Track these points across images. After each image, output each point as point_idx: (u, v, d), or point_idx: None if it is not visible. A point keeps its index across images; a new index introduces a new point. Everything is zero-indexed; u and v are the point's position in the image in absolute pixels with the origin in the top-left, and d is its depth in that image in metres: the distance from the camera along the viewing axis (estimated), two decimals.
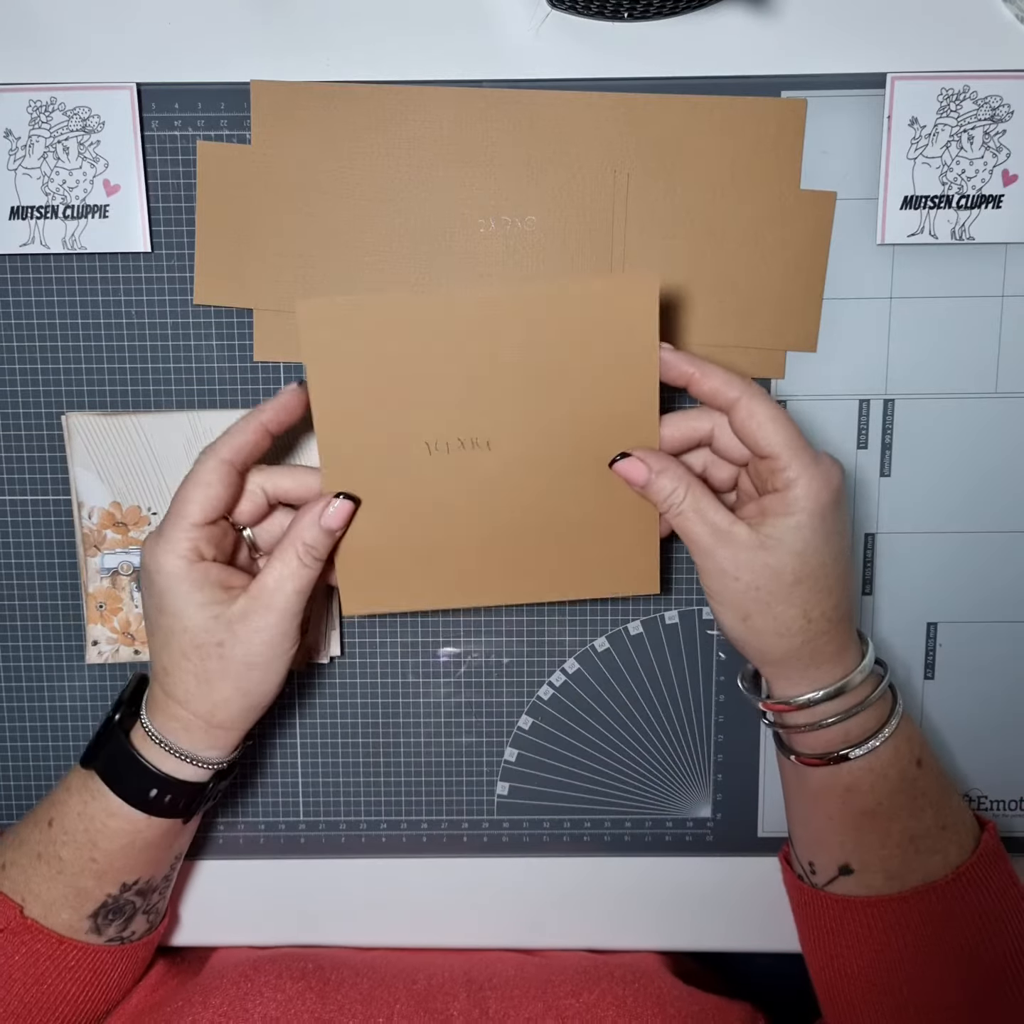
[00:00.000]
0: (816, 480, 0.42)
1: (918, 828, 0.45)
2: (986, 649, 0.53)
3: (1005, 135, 0.48)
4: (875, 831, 0.46)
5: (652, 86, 0.48)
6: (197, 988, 0.48)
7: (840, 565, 0.43)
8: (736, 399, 0.42)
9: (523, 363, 0.43)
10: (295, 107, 0.48)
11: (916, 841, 0.45)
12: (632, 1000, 0.47)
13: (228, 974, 0.49)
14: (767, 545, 0.42)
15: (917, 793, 0.45)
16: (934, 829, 0.46)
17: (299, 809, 0.54)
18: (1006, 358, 0.51)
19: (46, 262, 0.50)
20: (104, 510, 0.51)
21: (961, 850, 0.46)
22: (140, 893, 0.48)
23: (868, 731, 0.44)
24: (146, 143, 0.49)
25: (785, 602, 0.42)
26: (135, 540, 0.51)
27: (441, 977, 0.50)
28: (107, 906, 0.47)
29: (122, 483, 0.51)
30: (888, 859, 0.46)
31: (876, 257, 0.50)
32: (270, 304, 0.50)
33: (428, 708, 0.54)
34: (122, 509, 0.51)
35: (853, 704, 0.44)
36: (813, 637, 0.43)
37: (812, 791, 0.46)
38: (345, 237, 0.49)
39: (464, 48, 0.48)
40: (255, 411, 0.44)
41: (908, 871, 0.45)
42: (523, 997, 0.48)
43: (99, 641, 0.52)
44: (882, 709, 0.45)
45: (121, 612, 0.52)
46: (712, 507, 0.43)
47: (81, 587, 0.52)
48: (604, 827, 0.54)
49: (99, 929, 0.47)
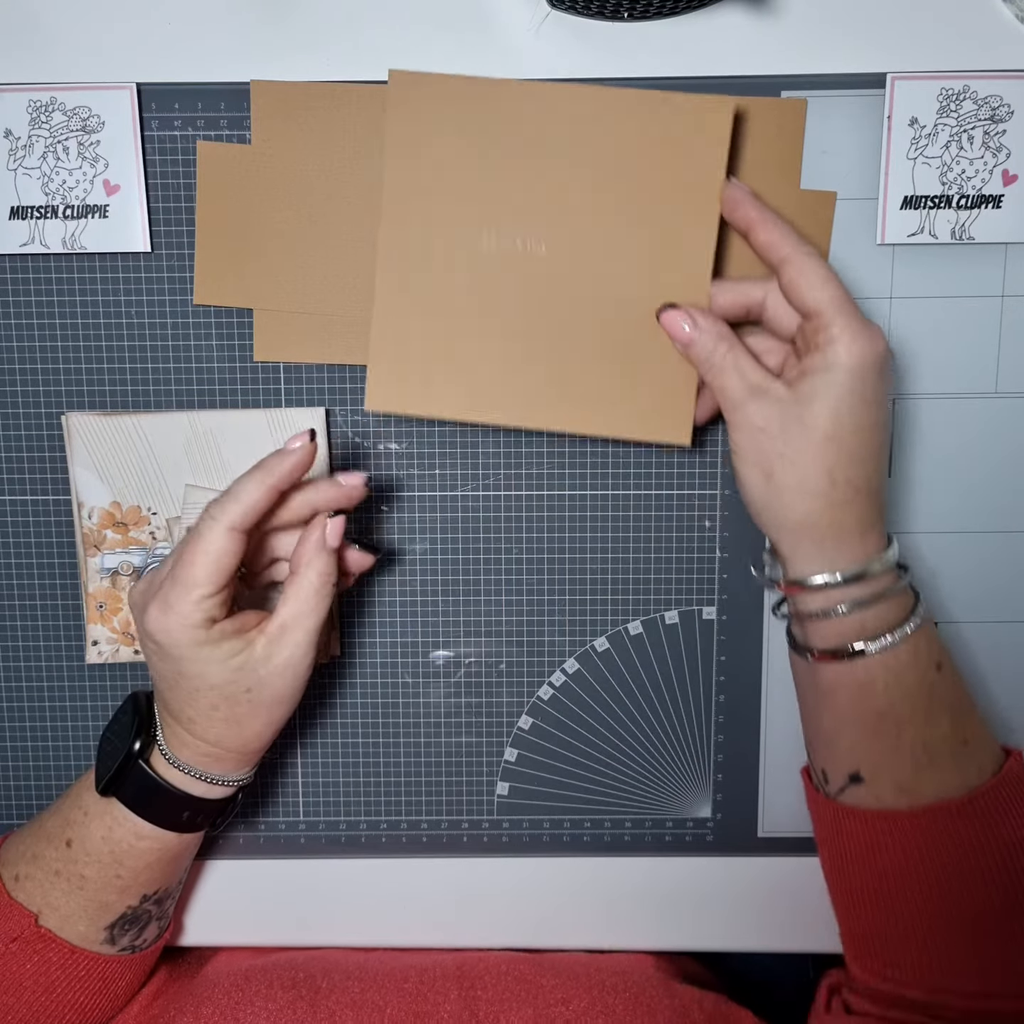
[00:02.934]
0: (859, 340, 0.41)
1: (933, 736, 0.44)
2: (986, 649, 0.53)
3: (1005, 135, 0.48)
4: (887, 735, 0.44)
5: (652, 86, 0.48)
6: (189, 998, 0.48)
7: (875, 436, 0.42)
8: (789, 255, 0.42)
9: (590, 170, 0.44)
10: (295, 107, 0.48)
11: (930, 750, 0.44)
12: (622, 1009, 0.47)
13: (220, 984, 0.49)
14: (801, 400, 0.42)
15: (935, 699, 0.44)
16: (951, 741, 0.44)
17: (299, 809, 0.54)
18: (1006, 358, 0.51)
19: (46, 262, 0.50)
20: (104, 510, 0.51)
21: (981, 771, 0.45)
22: (158, 902, 0.49)
23: (887, 625, 0.43)
24: (146, 143, 0.49)
25: (812, 460, 0.42)
26: (135, 540, 0.51)
27: (432, 976, 0.50)
28: (125, 917, 0.47)
29: (122, 483, 0.51)
30: (899, 768, 0.44)
31: (876, 257, 0.50)
32: (270, 304, 0.50)
33: (428, 708, 0.54)
34: (122, 509, 0.51)
35: (871, 593, 0.43)
36: (836, 503, 0.42)
37: (824, 688, 0.45)
38: (345, 237, 0.49)
39: (464, 48, 0.48)
40: (264, 471, 0.43)
41: (920, 784, 0.44)
42: (513, 1000, 0.48)
43: (99, 641, 0.52)
44: (902, 606, 0.43)
45: (121, 612, 0.52)
46: (751, 366, 0.43)
47: (81, 587, 0.52)
48: (604, 827, 0.54)
49: (114, 940, 0.48)
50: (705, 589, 0.53)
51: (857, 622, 0.43)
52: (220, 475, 0.51)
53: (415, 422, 0.51)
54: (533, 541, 0.52)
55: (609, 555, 0.52)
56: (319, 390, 0.51)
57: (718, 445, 0.51)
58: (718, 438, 0.51)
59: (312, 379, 0.51)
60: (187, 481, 0.51)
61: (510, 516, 0.52)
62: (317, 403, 0.51)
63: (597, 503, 0.52)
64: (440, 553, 0.52)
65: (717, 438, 0.51)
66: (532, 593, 0.53)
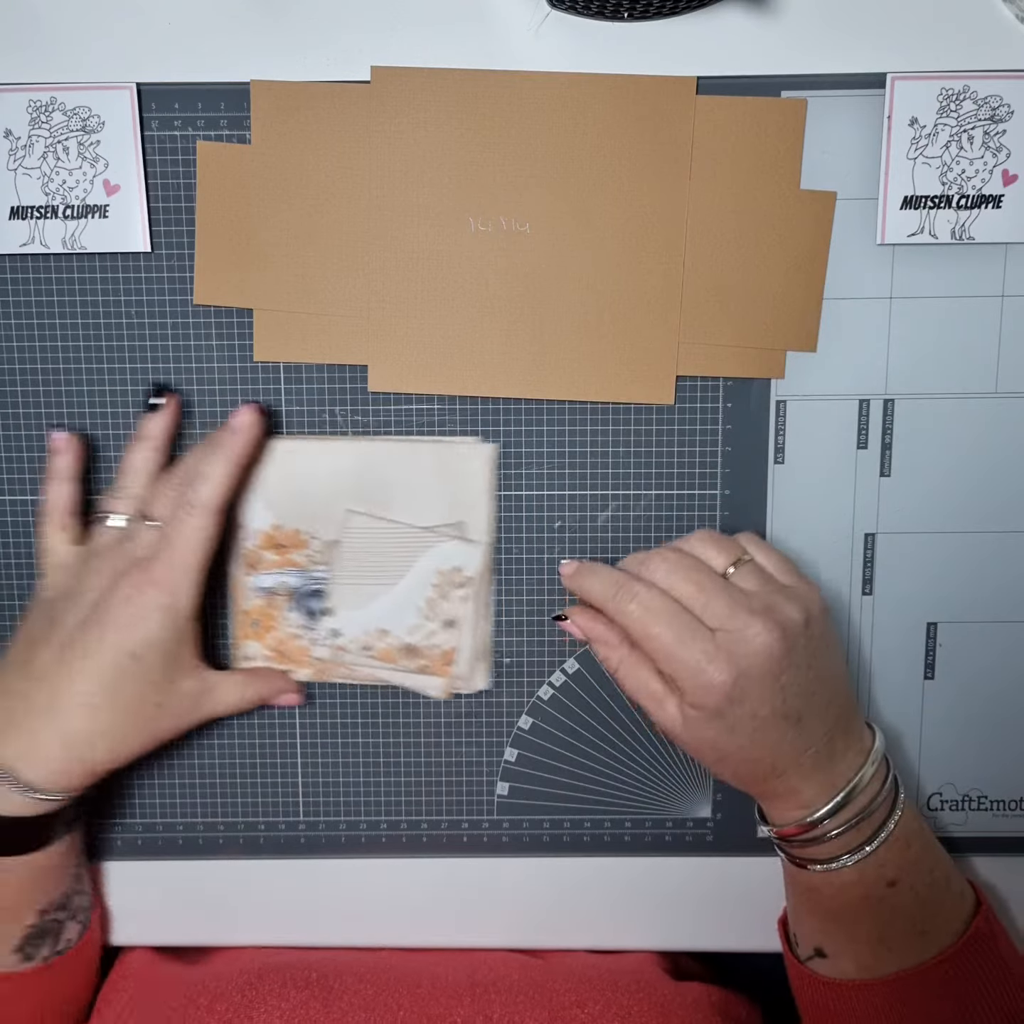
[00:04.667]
0: (699, 690, 0.42)
1: (889, 932, 0.45)
2: (986, 649, 0.53)
3: (1005, 135, 0.48)
4: (841, 929, 0.45)
5: None
6: (203, 991, 0.48)
7: (756, 746, 0.43)
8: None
9: (568, 150, 0.48)
10: (295, 107, 0.48)
11: (887, 942, 0.45)
12: (637, 1010, 0.47)
13: (234, 980, 0.49)
14: (687, 724, 0.44)
15: (885, 908, 0.45)
16: (909, 933, 0.45)
17: (299, 809, 0.54)
18: (1006, 358, 0.51)
19: (46, 262, 0.50)
20: (265, 532, 0.51)
21: (947, 936, 0.45)
22: (61, 907, 0.48)
23: (827, 854, 0.44)
24: (146, 143, 0.49)
25: (720, 769, 0.45)
26: (292, 562, 0.51)
27: (445, 980, 0.50)
28: (31, 935, 0.47)
29: (284, 507, 0.51)
30: (858, 953, 0.45)
31: (876, 257, 0.50)
32: (270, 304, 0.50)
33: (428, 708, 0.54)
34: (282, 531, 0.51)
35: (818, 835, 0.44)
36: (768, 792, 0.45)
37: (784, 871, 0.47)
38: (345, 237, 0.49)
39: (464, 48, 0.48)
40: (225, 450, 0.46)
41: (880, 964, 0.45)
42: (527, 1004, 0.48)
43: (254, 657, 0.52)
44: (849, 841, 0.44)
45: (274, 630, 0.52)
46: (646, 675, 0.45)
47: (230, 604, 0.52)
48: (604, 827, 0.54)
49: (31, 956, 0.47)
50: None
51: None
52: (383, 505, 0.51)
53: (415, 423, 0.51)
54: (533, 541, 0.52)
55: (609, 555, 0.52)
56: (319, 390, 0.51)
57: (718, 445, 0.51)
58: (718, 438, 0.51)
59: (312, 379, 0.51)
60: (349, 508, 0.51)
61: (510, 516, 0.52)
62: (317, 403, 0.51)
63: (597, 502, 0.52)
64: None
65: (717, 438, 0.51)
66: (532, 592, 0.53)
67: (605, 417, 0.51)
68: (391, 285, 0.49)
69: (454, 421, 0.51)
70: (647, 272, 0.49)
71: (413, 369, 0.50)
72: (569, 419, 0.51)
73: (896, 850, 0.44)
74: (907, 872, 0.45)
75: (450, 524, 0.51)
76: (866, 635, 0.53)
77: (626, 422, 0.51)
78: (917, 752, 0.53)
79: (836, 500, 0.52)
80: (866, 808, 0.44)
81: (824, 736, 0.44)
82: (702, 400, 0.51)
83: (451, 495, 0.51)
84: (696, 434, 0.51)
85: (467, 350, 0.50)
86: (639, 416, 0.51)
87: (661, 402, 0.50)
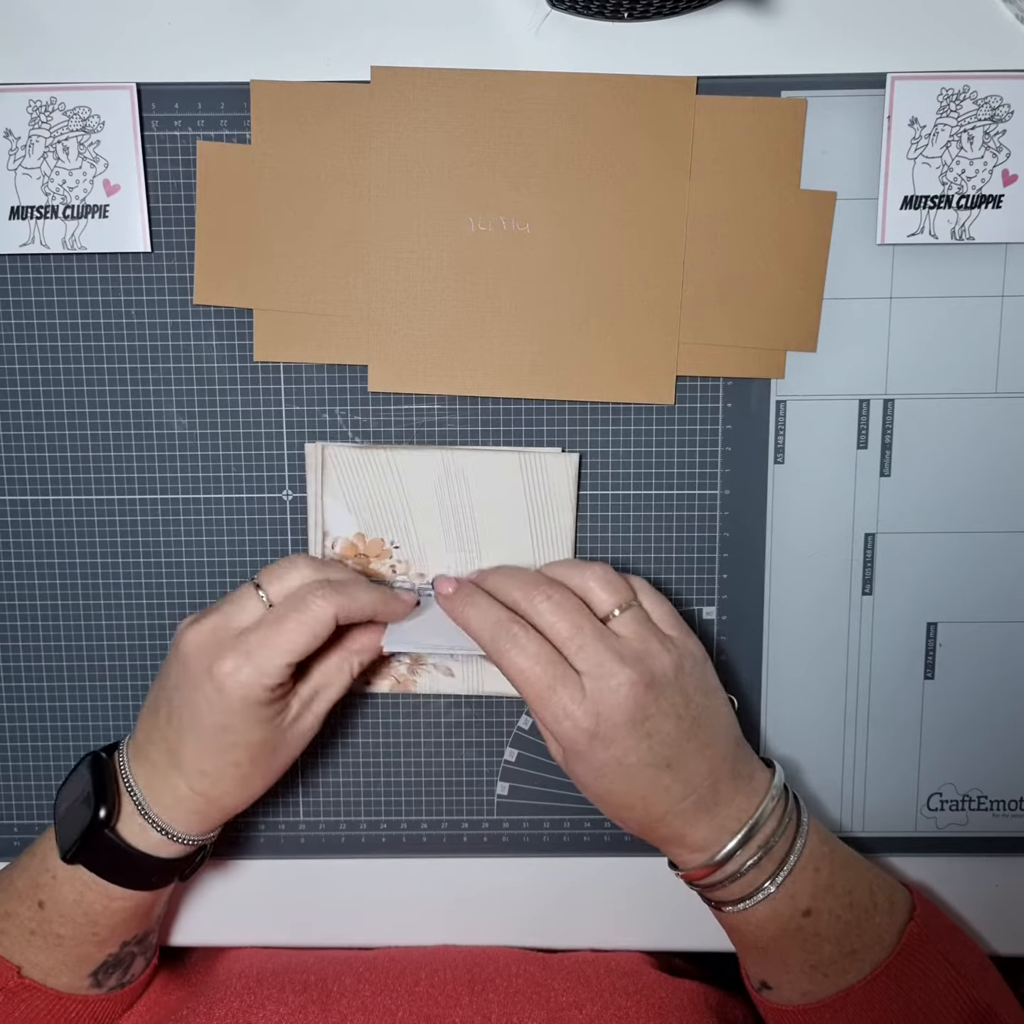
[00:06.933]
0: (564, 735, 0.43)
1: (818, 958, 0.45)
2: (986, 649, 0.53)
3: (1005, 135, 0.48)
4: (774, 963, 0.46)
5: None
6: (202, 999, 0.49)
7: (627, 792, 0.44)
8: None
9: (569, 150, 0.47)
10: (295, 107, 0.48)
11: (820, 967, 0.45)
12: (635, 1012, 0.47)
13: (232, 985, 0.49)
14: (565, 762, 0.45)
15: (809, 936, 0.45)
16: (839, 957, 0.45)
17: (299, 809, 0.54)
18: (1006, 358, 0.51)
19: (46, 262, 0.50)
20: (348, 540, 0.51)
21: (879, 951, 0.45)
22: (139, 942, 0.49)
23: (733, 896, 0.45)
24: (146, 143, 0.49)
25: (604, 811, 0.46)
26: (375, 572, 0.51)
27: (443, 977, 0.50)
28: (108, 963, 0.48)
29: (369, 515, 0.51)
30: (795, 982, 0.46)
31: (876, 257, 0.50)
32: (270, 304, 0.50)
33: (428, 708, 0.54)
34: (365, 541, 0.51)
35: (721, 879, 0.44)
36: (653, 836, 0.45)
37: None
38: (345, 237, 0.49)
39: (464, 48, 0.48)
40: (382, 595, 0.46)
41: (819, 989, 0.45)
42: (525, 1003, 0.48)
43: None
44: (753, 880, 0.44)
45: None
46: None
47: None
48: (604, 827, 0.54)
49: (100, 983, 0.48)
50: (705, 589, 0.53)
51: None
52: (468, 513, 0.51)
53: (415, 423, 0.51)
54: None
55: (609, 555, 0.52)
56: (319, 390, 0.51)
57: (718, 445, 0.51)
58: (718, 438, 0.51)
59: (312, 379, 0.51)
60: (434, 517, 0.51)
61: None
62: (317, 403, 0.51)
63: (597, 503, 0.52)
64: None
65: (717, 438, 0.51)
66: None
67: (605, 417, 0.51)
68: (391, 285, 0.49)
69: (454, 421, 0.51)
70: (647, 272, 0.49)
71: (413, 369, 0.50)
72: (569, 419, 0.51)
73: (804, 879, 0.44)
74: (821, 899, 0.45)
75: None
76: (866, 635, 0.53)
77: (626, 422, 0.51)
78: (917, 752, 0.53)
79: (836, 500, 0.52)
80: (765, 845, 0.44)
81: (706, 781, 0.44)
82: (702, 400, 0.51)
83: (536, 504, 0.51)
84: (696, 434, 0.51)
85: (467, 350, 0.50)
86: (639, 416, 0.51)
87: (661, 402, 0.50)
